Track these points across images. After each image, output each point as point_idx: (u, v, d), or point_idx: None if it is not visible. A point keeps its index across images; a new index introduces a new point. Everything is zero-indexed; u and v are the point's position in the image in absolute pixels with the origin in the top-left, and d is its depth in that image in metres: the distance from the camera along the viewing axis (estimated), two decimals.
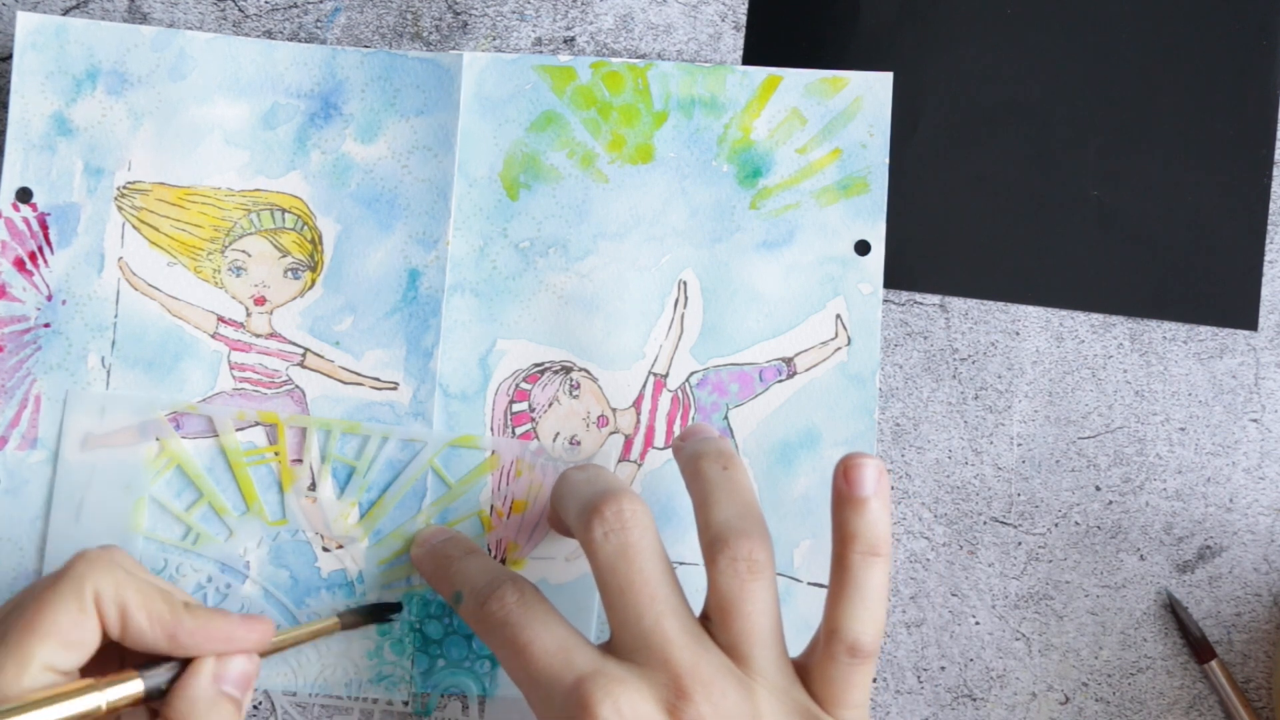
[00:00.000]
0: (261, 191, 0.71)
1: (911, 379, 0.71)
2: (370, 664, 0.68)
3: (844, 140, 0.71)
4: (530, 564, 0.69)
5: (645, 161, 0.71)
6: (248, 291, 0.70)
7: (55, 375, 0.69)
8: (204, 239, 0.70)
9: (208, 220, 0.71)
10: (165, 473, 0.69)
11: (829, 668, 0.58)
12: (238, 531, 0.69)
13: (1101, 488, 0.71)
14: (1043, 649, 0.70)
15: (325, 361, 0.70)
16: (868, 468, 0.58)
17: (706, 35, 0.73)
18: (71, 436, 0.69)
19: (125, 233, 0.70)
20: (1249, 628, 0.70)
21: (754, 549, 0.58)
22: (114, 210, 0.70)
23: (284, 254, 0.70)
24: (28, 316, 0.70)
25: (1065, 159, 0.72)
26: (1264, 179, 0.72)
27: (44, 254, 0.70)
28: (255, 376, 0.70)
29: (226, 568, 0.69)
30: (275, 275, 0.70)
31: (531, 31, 0.72)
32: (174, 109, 0.71)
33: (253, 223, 0.71)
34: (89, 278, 0.70)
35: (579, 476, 0.64)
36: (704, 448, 0.62)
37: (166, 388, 0.69)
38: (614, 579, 0.59)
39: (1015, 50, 0.73)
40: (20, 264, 0.70)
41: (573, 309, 0.70)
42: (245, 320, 0.70)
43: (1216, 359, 0.71)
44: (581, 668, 0.58)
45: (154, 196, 0.70)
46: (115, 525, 0.68)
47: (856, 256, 0.71)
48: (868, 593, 0.58)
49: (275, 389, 0.70)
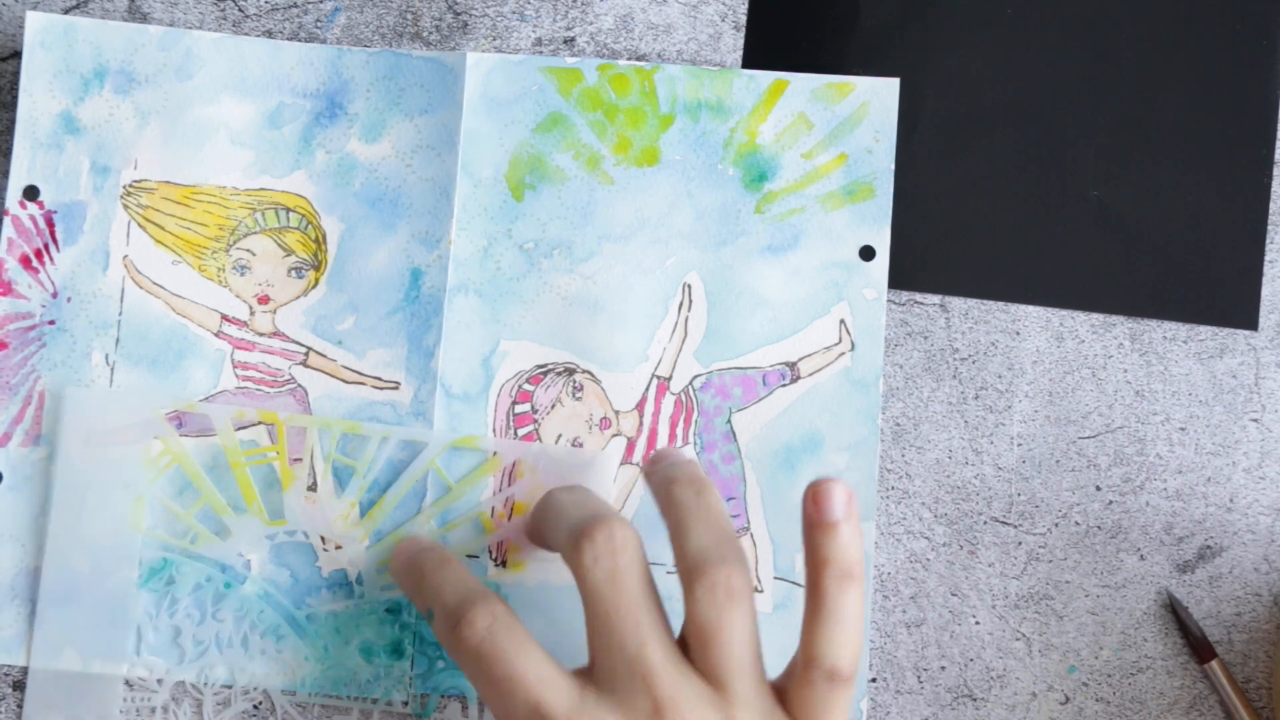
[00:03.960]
0: (266, 191, 0.71)
1: (912, 379, 0.71)
2: (369, 666, 0.68)
3: (850, 145, 0.71)
4: (531, 566, 0.69)
5: (651, 164, 0.71)
6: (252, 290, 0.70)
7: (59, 372, 0.69)
8: (209, 238, 0.70)
9: (212, 219, 0.70)
10: (166, 471, 0.69)
11: (808, 693, 0.58)
12: (237, 531, 0.69)
13: (1102, 488, 0.71)
14: (1043, 649, 0.70)
15: (328, 361, 0.70)
16: (836, 492, 0.58)
17: (706, 35, 0.72)
18: (74, 434, 0.69)
19: (131, 231, 0.70)
20: (1249, 628, 0.70)
21: (732, 575, 0.58)
22: (120, 209, 0.70)
23: (288, 253, 0.70)
24: (33, 314, 0.69)
25: (1065, 159, 0.72)
26: (1264, 179, 0.72)
27: (50, 251, 0.70)
28: (258, 375, 0.70)
29: (227, 568, 0.68)
30: (279, 274, 0.70)
31: (532, 32, 0.72)
32: (180, 108, 0.70)
33: (257, 222, 0.70)
34: (94, 275, 0.70)
35: (567, 498, 0.63)
36: (676, 473, 0.62)
37: (170, 386, 0.69)
38: (600, 604, 0.59)
39: (1015, 51, 0.73)
40: (26, 261, 0.70)
41: (576, 311, 0.70)
42: (249, 319, 0.70)
43: (1217, 359, 0.71)
44: (560, 707, 0.58)
45: (159, 195, 0.70)
46: (116, 524, 0.68)
47: (861, 262, 0.71)
48: (843, 617, 0.58)
49: (278, 388, 0.70)
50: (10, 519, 0.69)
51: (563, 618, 0.69)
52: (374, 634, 0.69)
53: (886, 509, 0.70)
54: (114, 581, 0.68)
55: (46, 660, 0.68)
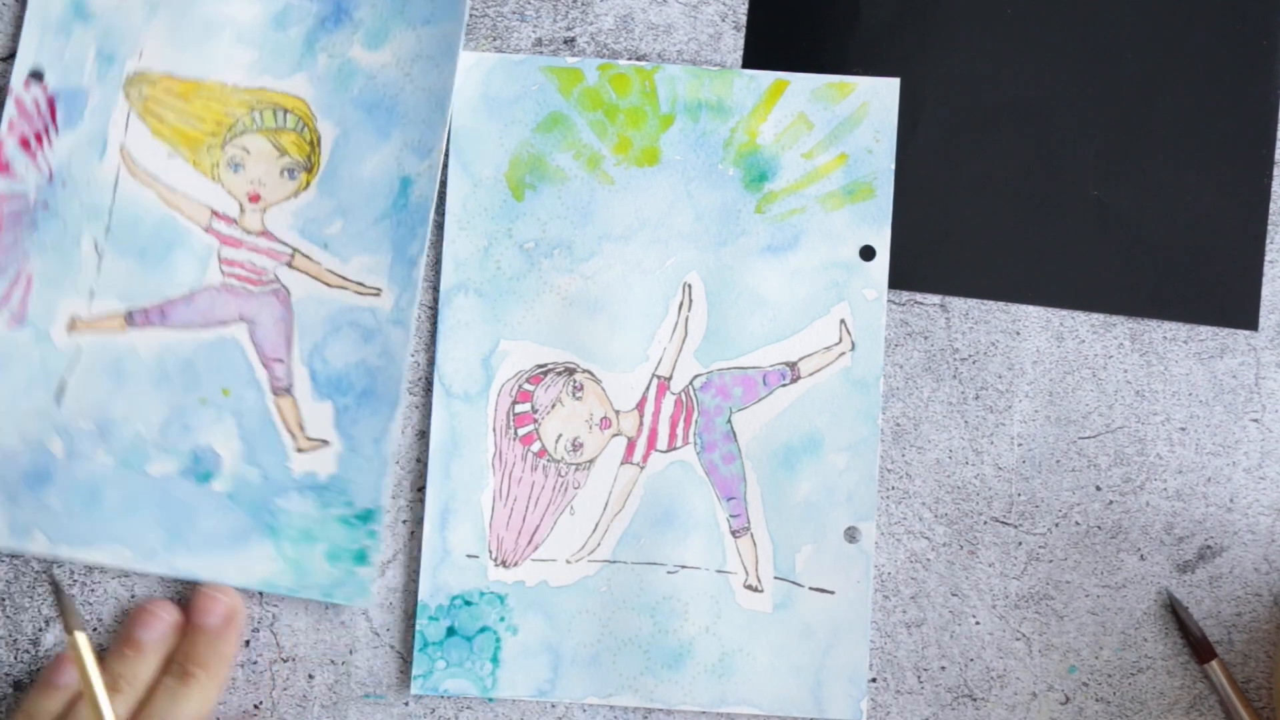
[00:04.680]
0: (266, 90, 0.71)
1: (912, 379, 0.71)
2: (332, 570, 0.69)
3: (850, 145, 0.71)
4: (530, 566, 0.69)
5: (651, 164, 0.71)
6: (244, 188, 0.71)
7: (48, 256, 0.70)
8: (206, 133, 0.71)
9: (211, 115, 0.71)
10: (147, 361, 0.69)
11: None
12: (213, 421, 0.69)
13: (1102, 488, 0.71)
14: (1043, 649, 0.70)
15: (312, 263, 0.71)
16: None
17: (707, 35, 0.72)
18: (59, 318, 0.69)
19: (130, 120, 0.71)
20: (1249, 628, 0.70)
21: None
22: (121, 97, 0.71)
23: (282, 154, 0.71)
24: (27, 195, 0.70)
25: (1065, 159, 0.72)
26: (1264, 179, 0.72)
27: (49, 135, 0.70)
28: (243, 273, 0.70)
29: (199, 458, 0.69)
30: (272, 174, 0.71)
31: (532, 32, 0.72)
32: (189, 2, 0.71)
33: (255, 120, 0.71)
34: (90, 162, 0.70)
35: None
36: None
37: (156, 276, 0.70)
38: None
39: (1015, 50, 0.73)
40: (25, 143, 0.70)
41: (577, 310, 0.70)
42: (239, 216, 0.71)
43: (1217, 359, 0.71)
44: None
45: (161, 88, 0.71)
46: (95, 409, 0.69)
47: (861, 262, 0.71)
48: None
49: (262, 286, 0.70)
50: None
51: (563, 618, 0.69)
52: (343, 539, 0.69)
53: (886, 509, 0.70)
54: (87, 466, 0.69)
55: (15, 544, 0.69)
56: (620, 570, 0.69)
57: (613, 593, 0.69)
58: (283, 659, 0.70)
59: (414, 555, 0.70)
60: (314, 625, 0.70)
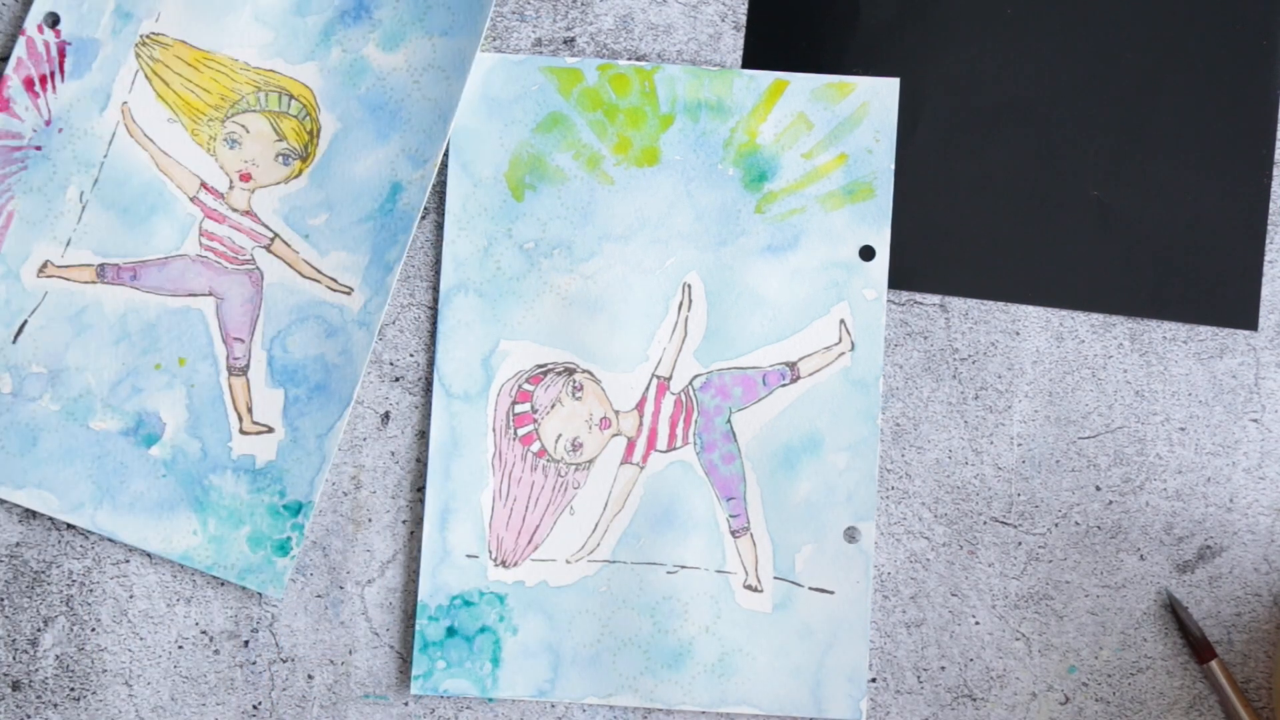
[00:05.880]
0: (276, 73, 0.71)
1: (911, 379, 0.71)
2: (252, 555, 0.69)
3: (850, 145, 0.71)
4: (530, 566, 0.69)
5: (651, 164, 0.71)
6: (236, 165, 0.71)
7: (33, 197, 0.70)
8: (209, 104, 0.71)
9: (217, 87, 0.71)
10: (110, 316, 0.70)
11: None
12: (163, 387, 0.70)
13: (1101, 488, 0.71)
14: (1043, 649, 0.70)
15: (291, 251, 0.71)
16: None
17: (706, 35, 0.72)
18: (31, 259, 0.70)
19: (136, 80, 0.71)
20: (1249, 628, 0.70)
21: None
22: (132, 56, 0.71)
23: (280, 138, 0.71)
24: (22, 135, 0.70)
25: (1066, 159, 0.72)
26: (1264, 179, 0.72)
27: (54, 80, 0.71)
28: (221, 248, 0.71)
29: (143, 421, 0.69)
30: (267, 156, 0.71)
31: (532, 32, 0.72)
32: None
33: (259, 101, 0.71)
34: (90, 113, 0.71)
35: None
36: None
37: (135, 236, 0.70)
38: None
39: (1015, 50, 0.73)
40: (30, 84, 0.71)
41: (576, 310, 0.70)
42: (226, 192, 0.71)
43: (1216, 359, 0.71)
44: None
45: (173, 52, 0.71)
46: (50, 355, 0.70)
47: (861, 262, 0.71)
48: None
49: (237, 265, 0.71)
50: None
51: (562, 618, 0.69)
52: (267, 526, 0.69)
53: (886, 509, 0.70)
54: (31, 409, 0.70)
55: None
56: (620, 570, 0.69)
57: (612, 593, 0.69)
58: (282, 659, 0.70)
59: (414, 555, 0.70)
60: (313, 625, 0.70)
